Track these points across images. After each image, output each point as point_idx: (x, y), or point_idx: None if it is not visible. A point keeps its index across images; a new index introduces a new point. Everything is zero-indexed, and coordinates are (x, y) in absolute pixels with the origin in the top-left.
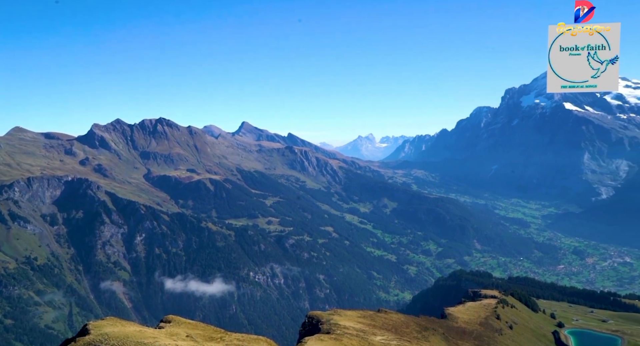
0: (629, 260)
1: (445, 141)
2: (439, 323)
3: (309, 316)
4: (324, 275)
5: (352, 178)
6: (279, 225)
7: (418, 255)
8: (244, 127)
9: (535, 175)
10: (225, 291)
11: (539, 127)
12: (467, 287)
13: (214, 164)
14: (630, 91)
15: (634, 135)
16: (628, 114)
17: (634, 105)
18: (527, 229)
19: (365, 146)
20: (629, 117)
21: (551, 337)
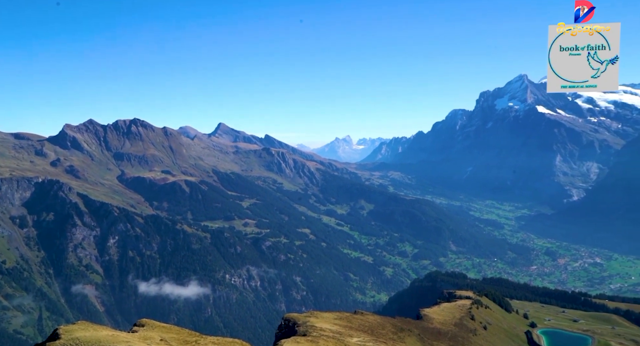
0: (599, 261)
1: (421, 143)
2: (414, 324)
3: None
4: (300, 277)
5: (329, 179)
6: (256, 227)
7: (394, 257)
8: (221, 129)
9: (509, 177)
10: (200, 294)
11: (513, 130)
12: (443, 288)
13: (189, 165)
14: (600, 95)
15: (604, 138)
16: (598, 117)
17: (604, 108)
18: (501, 231)
19: (342, 148)
20: (599, 120)
21: (524, 337)
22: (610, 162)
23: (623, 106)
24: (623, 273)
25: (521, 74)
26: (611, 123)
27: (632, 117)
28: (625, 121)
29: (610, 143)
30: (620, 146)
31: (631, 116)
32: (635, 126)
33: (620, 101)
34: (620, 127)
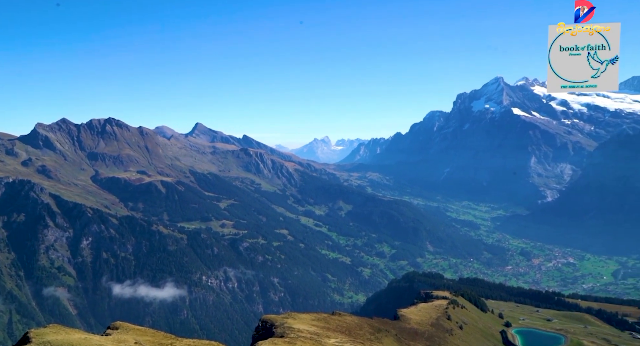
0: (572, 261)
1: (399, 145)
2: (391, 325)
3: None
4: (278, 278)
5: (308, 180)
6: (233, 228)
7: (372, 257)
8: (198, 129)
9: (485, 178)
10: (176, 296)
11: (489, 131)
12: (420, 288)
13: (165, 165)
14: (574, 98)
15: (577, 140)
16: (572, 119)
17: (577, 111)
18: (477, 231)
19: (321, 149)
20: (572, 122)
21: (499, 336)
22: (583, 164)
23: (596, 108)
24: (595, 273)
25: (497, 77)
26: (584, 125)
27: (604, 120)
28: (598, 123)
29: (583, 145)
30: (593, 147)
31: (603, 118)
32: (607, 129)
33: (593, 103)
34: (593, 129)
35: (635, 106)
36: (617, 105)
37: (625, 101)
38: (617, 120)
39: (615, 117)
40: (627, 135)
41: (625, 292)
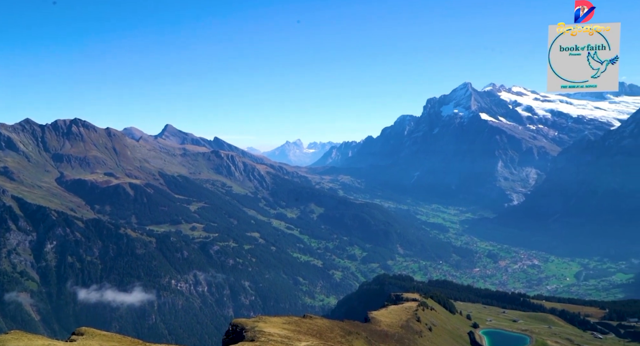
0: (537, 263)
1: (370, 148)
2: (362, 327)
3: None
4: (249, 282)
5: (280, 183)
6: (204, 231)
7: (343, 260)
8: (168, 130)
9: (454, 182)
10: (144, 300)
11: (458, 136)
12: (390, 291)
13: (134, 168)
14: (539, 104)
15: (542, 145)
16: (537, 125)
17: (542, 117)
18: (446, 234)
19: (293, 152)
20: (537, 128)
21: (467, 337)
22: (547, 168)
23: (559, 114)
24: (559, 275)
25: (465, 82)
26: (548, 131)
27: (567, 126)
28: (561, 129)
29: (547, 150)
30: (556, 152)
31: (566, 124)
32: (570, 134)
33: (557, 110)
34: (557, 134)
35: (596, 112)
36: (580, 111)
37: (587, 107)
38: (580, 126)
39: (578, 123)
40: (589, 141)
41: (587, 293)
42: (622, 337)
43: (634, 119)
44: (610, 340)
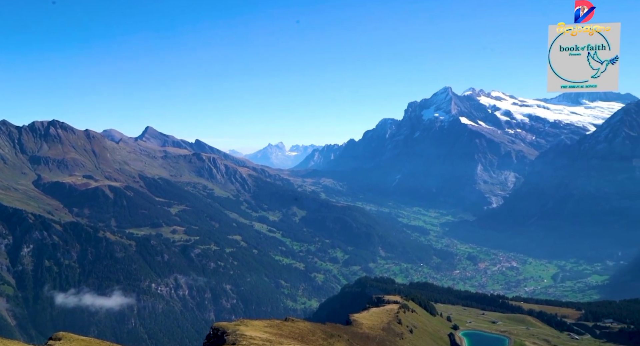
0: (515, 265)
1: (352, 151)
2: (344, 330)
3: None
4: (230, 285)
5: (262, 186)
6: (185, 234)
7: (325, 263)
8: (148, 133)
9: (434, 185)
10: (124, 304)
11: (438, 139)
12: (372, 293)
13: (114, 170)
14: (517, 108)
15: (520, 149)
16: (515, 129)
17: (520, 121)
18: (427, 237)
19: (275, 154)
20: (515, 132)
21: (447, 339)
22: (525, 172)
23: (537, 119)
24: (536, 276)
25: (446, 87)
26: (526, 135)
27: (544, 130)
28: (539, 133)
29: (525, 154)
30: (534, 156)
31: (544, 128)
32: (547, 138)
33: (534, 114)
34: (534, 139)
35: (572, 117)
36: (556, 116)
37: (564, 112)
38: (556, 130)
39: (554, 128)
40: (565, 145)
41: (564, 294)
42: (597, 338)
43: (609, 124)
44: (586, 341)
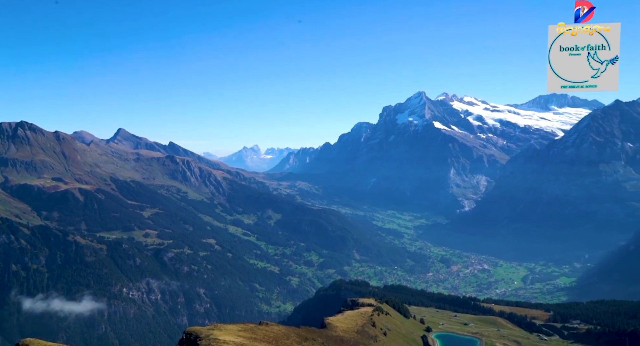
0: (487, 267)
1: (328, 154)
2: (318, 333)
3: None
4: (204, 289)
5: (237, 189)
6: (157, 238)
7: (300, 266)
8: (120, 134)
9: (408, 188)
10: (94, 309)
11: (412, 143)
12: (346, 296)
13: (84, 172)
14: (488, 113)
15: (492, 153)
16: (487, 134)
17: (491, 126)
18: (401, 240)
19: (250, 157)
20: (487, 137)
21: (420, 341)
22: (497, 176)
23: (507, 124)
24: (507, 278)
25: (420, 91)
26: (497, 140)
27: (515, 135)
28: (509, 138)
29: (496, 158)
30: (505, 160)
31: (514, 133)
32: (517, 143)
33: (505, 119)
34: (505, 143)
35: (541, 122)
36: (526, 121)
37: (533, 117)
38: (526, 135)
39: (525, 133)
40: (535, 149)
41: (533, 296)
42: (565, 338)
43: (576, 130)
44: (554, 342)
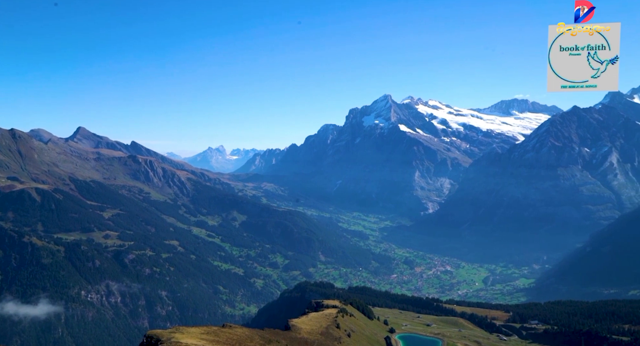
0: (449, 269)
1: (294, 156)
2: (282, 335)
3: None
4: (166, 291)
5: (201, 190)
6: (118, 239)
7: (265, 268)
8: (80, 133)
9: (374, 190)
10: (51, 312)
11: (378, 146)
12: (311, 298)
13: (42, 172)
14: (452, 117)
15: (455, 156)
16: (450, 137)
17: (455, 130)
18: (366, 241)
19: (215, 158)
20: (451, 140)
21: (383, 342)
22: (460, 179)
23: (471, 128)
24: (469, 280)
25: (386, 94)
26: (461, 143)
27: (477, 139)
28: (472, 141)
29: (460, 161)
30: (468, 164)
31: (477, 137)
32: (480, 147)
33: (469, 123)
34: (468, 147)
35: (503, 127)
36: (489, 126)
37: (495, 122)
38: (489, 139)
39: (487, 137)
40: (496, 153)
41: (494, 297)
42: (524, 338)
43: (536, 134)
44: (513, 341)
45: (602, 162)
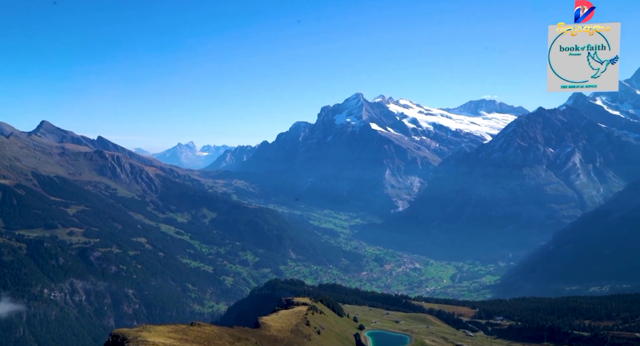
0: (418, 266)
1: (266, 153)
2: (252, 333)
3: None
4: (133, 289)
5: (170, 186)
6: (83, 236)
7: (235, 265)
8: (44, 127)
9: (345, 188)
10: (11, 311)
11: (350, 144)
12: (282, 295)
13: (2, 167)
14: (423, 117)
15: (425, 155)
16: (421, 136)
17: (425, 129)
18: (337, 239)
19: (185, 154)
20: (421, 139)
21: (353, 339)
22: (429, 177)
23: (440, 127)
24: (437, 277)
25: (357, 93)
26: (430, 142)
27: (447, 138)
28: (442, 141)
29: (429, 160)
30: (437, 162)
31: (446, 136)
32: (449, 146)
33: (438, 123)
34: (438, 146)
35: (472, 127)
36: (458, 125)
37: (464, 122)
38: (457, 139)
39: (456, 136)
40: (465, 153)
41: (461, 294)
42: (489, 334)
43: (503, 135)
44: (479, 337)
45: (566, 163)
